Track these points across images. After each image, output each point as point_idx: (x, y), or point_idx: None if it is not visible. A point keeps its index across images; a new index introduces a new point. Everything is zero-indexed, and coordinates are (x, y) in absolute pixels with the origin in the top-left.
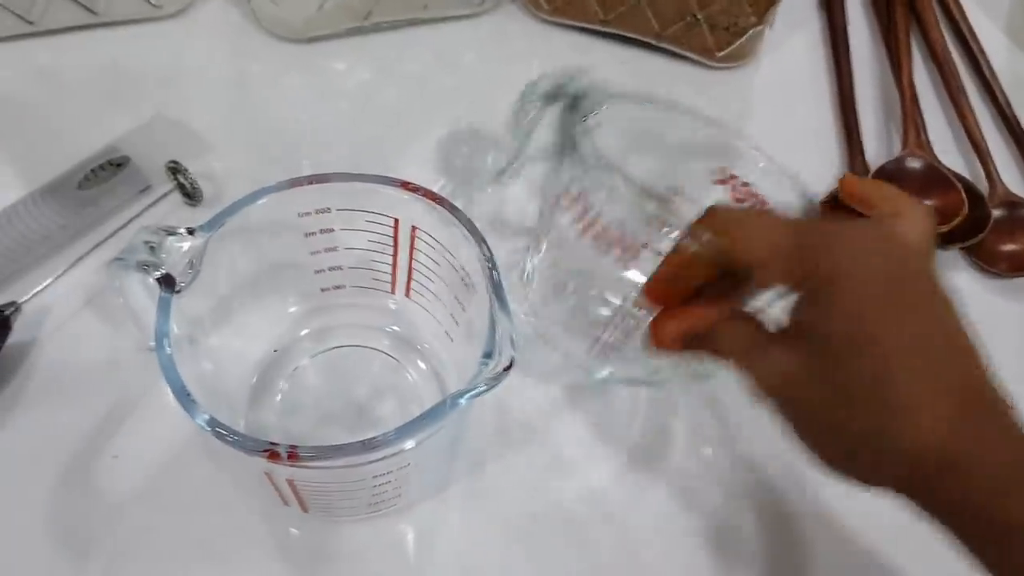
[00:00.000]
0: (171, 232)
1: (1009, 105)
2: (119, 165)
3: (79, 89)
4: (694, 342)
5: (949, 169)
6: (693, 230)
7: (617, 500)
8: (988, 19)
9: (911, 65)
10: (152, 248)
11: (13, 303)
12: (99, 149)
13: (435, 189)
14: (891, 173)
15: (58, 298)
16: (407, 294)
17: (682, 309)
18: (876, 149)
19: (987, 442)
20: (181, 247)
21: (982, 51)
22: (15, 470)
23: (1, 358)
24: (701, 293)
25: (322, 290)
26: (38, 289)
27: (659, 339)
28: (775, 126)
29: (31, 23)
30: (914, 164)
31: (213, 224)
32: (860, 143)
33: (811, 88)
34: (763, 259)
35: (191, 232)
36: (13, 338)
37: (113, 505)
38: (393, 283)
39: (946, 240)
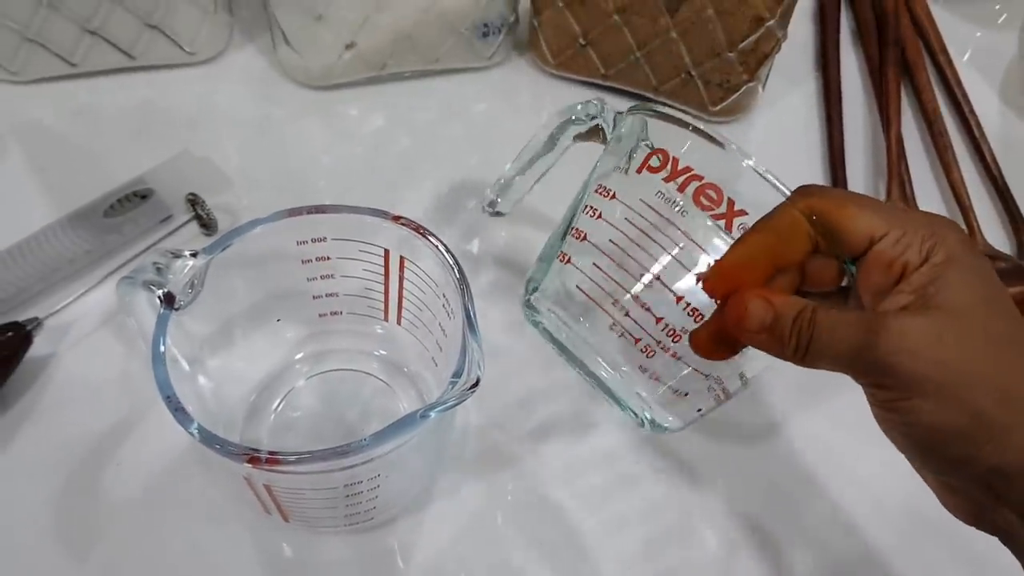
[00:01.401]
0: (177, 255)
1: (996, 162)
2: (144, 197)
3: (114, 126)
4: (776, 334)
5: None
6: (788, 204)
7: (593, 529)
8: (984, 81)
9: (900, 122)
10: (159, 269)
11: (36, 319)
12: (126, 181)
13: (444, 233)
14: None
15: (78, 316)
16: (398, 321)
17: (765, 288)
18: None
19: None
20: (184, 267)
21: (972, 112)
22: (27, 472)
23: (22, 369)
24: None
25: (320, 316)
26: (59, 307)
27: (739, 320)
28: None
29: (73, 65)
30: None
31: (215, 247)
32: None
33: (804, 143)
34: (881, 232)
35: (194, 255)
36: (34, 351)
37: (114, 508)
38: (386, 310)
39: None
